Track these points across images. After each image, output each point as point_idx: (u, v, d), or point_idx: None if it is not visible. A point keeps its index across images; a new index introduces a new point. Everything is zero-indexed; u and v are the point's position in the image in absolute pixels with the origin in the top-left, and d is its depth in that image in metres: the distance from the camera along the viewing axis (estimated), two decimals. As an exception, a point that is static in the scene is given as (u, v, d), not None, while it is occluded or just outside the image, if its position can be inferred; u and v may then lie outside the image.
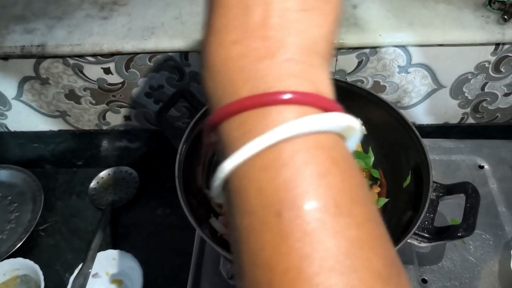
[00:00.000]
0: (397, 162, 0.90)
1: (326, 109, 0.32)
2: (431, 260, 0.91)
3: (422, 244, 0.77)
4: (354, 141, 0.36)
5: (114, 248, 1.00)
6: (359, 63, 0.97)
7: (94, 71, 0.98)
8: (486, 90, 1.04)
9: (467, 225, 0.74)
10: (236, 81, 0.32)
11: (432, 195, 0.78)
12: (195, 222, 0.75)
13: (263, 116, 0.31)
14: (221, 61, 0.33)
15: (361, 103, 0.95)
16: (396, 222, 0.82)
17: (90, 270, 0.94)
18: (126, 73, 0.98)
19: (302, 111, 0.31)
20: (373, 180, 0.91)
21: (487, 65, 0.98)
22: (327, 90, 0.34)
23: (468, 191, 0.77)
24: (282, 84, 0.32)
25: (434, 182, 0.79)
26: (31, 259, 0.98)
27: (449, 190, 0.80)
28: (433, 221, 0.77)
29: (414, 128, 0.85)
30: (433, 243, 0.76)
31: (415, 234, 0.75)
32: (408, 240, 0.74)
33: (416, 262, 0.91)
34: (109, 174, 1.18)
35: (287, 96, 0.31)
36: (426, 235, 0.76)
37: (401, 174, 0.88)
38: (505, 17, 0.90)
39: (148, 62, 0.96)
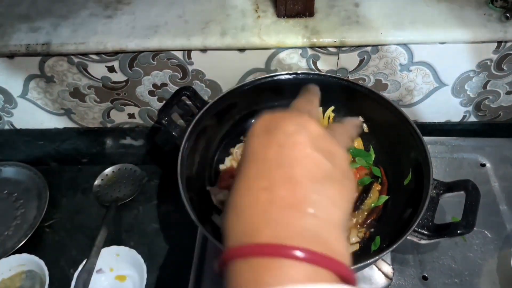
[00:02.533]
0: (398, 160, 0.91)
1: (339, 275, 0.33)
2: (432, 257, 0.92)
3: (422, 241, 0.77)
4: None
5: (118, 244, 1.01)
6: (361, 61, 0.97)
7: (98, 69, 0.99)
8: (488, 88, 1.04)
9: (467, 223, 0.74)
10: (258, 223, 0.35)
11: (432, 192, 0.78)
12: (197, 219, 0.76)
13: (276, 267, 0.33)
14: (248, 203, 0.36)
15: (362, 101, 0.95)
16: (396, 219, 0.82)
17: (94, 266, 0.95)
18: (130, 71, 0.99)
19: (315, 273, 0.33)
20: (374, 178, 0.91)
21: (489, 63, 0.98)
22: (344, 255, 0.35)
23: (468, 189, 0.78)
24: (301, 238, 0.34)
25: (434, 179, 0.80)
26: (36, 255, 0.99)
27: (449, 187, 0.80)
28: (433, 218, 0.78)
29: (415, 126, 0.86)
30: (432, 240, 0.77)
31: (414, 231, 0.75)
32: (408, 237, 0.75)
33: (417, 259, 0.91)
34: (113, 171, 1.19)
35: (302, 254, 0.32)
36: (426, 232, 0.76)
37: (402, 171, 0.89)
38: (508, 15, 0.90)
39: (152, 61, 0.97)
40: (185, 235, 1.03)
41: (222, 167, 0.98)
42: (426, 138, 0.85)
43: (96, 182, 1.17)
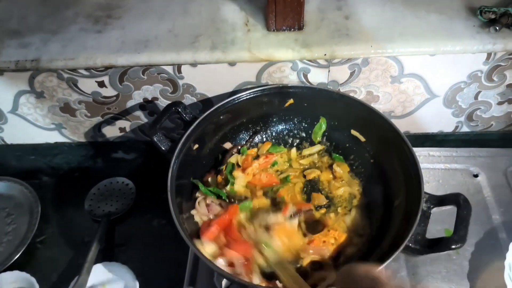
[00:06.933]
0: (392, 173, 0.91)
1: None
2: (425, 271, 0.91)
3: (414, 257, 0.77)
4: None
5: (110, 260, 1.01)
6: (352, 73, 0.97)
7: (88, 85, 0.98)
8: (479, 99, 1.04)
9: (459, 237, 0.74)
10: None
11: (423, 206, 0.78)
12: (188, 238, 0.75)
13: None
14: None
15: (354, 114, 0.96)
16: (388, 235, 0.82)
17: (86, 283, 0.94)
18: (120, 86, 0.99)
19: None
20: None
21: (479, 74, 0.98)
22: None
23: (460, 202, 0.77)
24: None
25: (425, 193, 0.79)
26: (27, 272, 0.98)
27: (441, 201, 0.80)
28: (425, 233, 0.77)
29: (406, 139, 0.86)
30: (425, 255, 0.76)
31: (406, 247, 0.75)
32: (401, 252, 0.74)
33: (410, 273, 0.90)
34: (105, 185, 1.18)
35: None
36: (418, 247, 0.76)
37: (395, 185, 0.88)
38: (496, 27, 0.90)
39: (142, 75, 0.97)
40: (178, 250, 1.01)
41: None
42: (418, 149, 0.85)
43: (88, 197, 1.16)
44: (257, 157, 0.99)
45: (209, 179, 0.96)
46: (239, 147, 1.00)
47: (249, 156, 0.98)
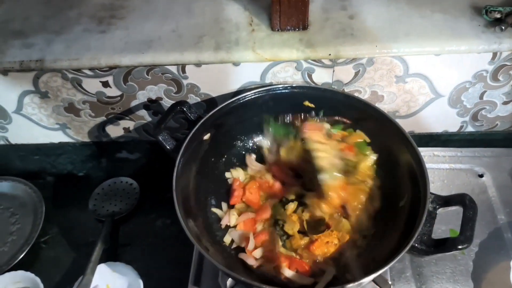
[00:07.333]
0: (397, 174, 0.90)
1: None
2: (430, 271, 0.91)
3: (419, 257, 0.77)
4: None
5: (114, 260, 1.01)
6: (356, 73, 0.97)
7: (92, 85, 0.98)
8: (484, 98, 1.04)
9: (465, 238, 0.74)
10: None
11: (429, 206, 0.78)
12: (193, 237, 0.75)
13: None
14: None
15: (358, 114, 0.95)
16: (394, 235, 0.81)
17: (90, 283, 0.94)
18: (124, 86, 0.99)
19: None
20: None
21: (485, 74, 0.98)
22: None
23: (466, 203, 0.77)
24: None
25: (431, 193, 0.79)
26: (32, 272, 0.98)
27: (446, 201, 0.79)
28: (431, 233, 0.77)
29: (410, 139, 0.85)
30: (431, 256, 0.76)
31: (412, 247, 0.75)
32: (406, 253, 0.74)
33: (415, 273, 0.90)
34: (109, 185, 1.19)
35: None
36: (424, 248, 0.75)
37: (400, 186, 0.88)
38: (502, 27, 0.90)
39: (146, 75, 0.97)
40: (183, 249, 1.01)
41: (228, 175, 1.00)
42: (423, 149, 0.84)
43: (92, 196, 1.16)
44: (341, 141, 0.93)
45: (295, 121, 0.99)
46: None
47: (336, 135, 0.93)
